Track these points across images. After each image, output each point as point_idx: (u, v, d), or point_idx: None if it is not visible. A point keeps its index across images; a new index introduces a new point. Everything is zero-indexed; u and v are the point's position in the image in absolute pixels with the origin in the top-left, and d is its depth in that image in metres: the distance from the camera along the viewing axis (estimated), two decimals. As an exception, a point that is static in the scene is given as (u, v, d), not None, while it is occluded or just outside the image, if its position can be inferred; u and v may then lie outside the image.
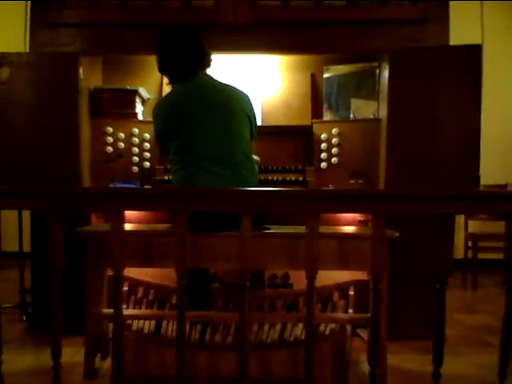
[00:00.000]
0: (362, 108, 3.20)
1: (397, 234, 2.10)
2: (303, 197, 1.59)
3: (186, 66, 2.34)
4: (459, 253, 4.66)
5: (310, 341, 1.58)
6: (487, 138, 3.39)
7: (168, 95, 2.43)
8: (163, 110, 2.37)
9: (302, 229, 1.59)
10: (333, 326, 2.24)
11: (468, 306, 4.08)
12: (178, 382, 1.59)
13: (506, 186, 4.87)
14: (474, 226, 4.83)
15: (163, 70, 2.43)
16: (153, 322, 2.30)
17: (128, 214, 2.37)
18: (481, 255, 4.56)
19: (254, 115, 2.42)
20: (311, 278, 1.56)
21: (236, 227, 1.60)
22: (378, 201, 1.55)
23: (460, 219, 4.65)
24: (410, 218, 2.65)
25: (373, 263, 1.56)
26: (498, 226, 4.25)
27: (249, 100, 2.39)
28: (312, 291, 1.57)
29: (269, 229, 2.23)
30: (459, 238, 4.66)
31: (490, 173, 4.40)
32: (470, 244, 4.69)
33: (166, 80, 2.52)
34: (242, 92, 2.39)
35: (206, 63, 2.41)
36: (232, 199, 1.59)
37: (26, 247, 3.17)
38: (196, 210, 1.61)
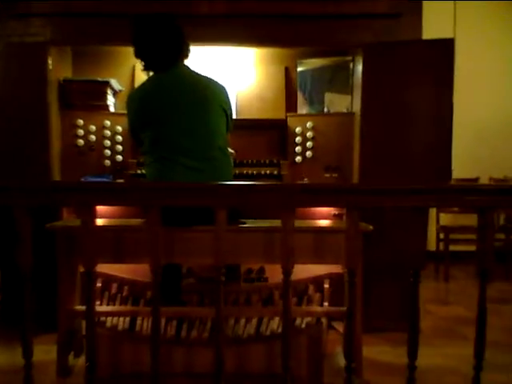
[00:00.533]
0: (336, 102, 3.21)
1: (371, 228, 2.11)
2: (278, 191, 1.58)
3: (166, 53, 2.26)
4: (431, 245, 4.74)
5: (287, 335, 1.58)
6: (459, 132, 3.45)
7: (144, 84, 2.33)
8: (138, 101, 2.30)
9: (277, 223, 1.58)
10: (308, 319, 2.25)
11: (441, 297, 4.16)
12: (152, 379, 1.56)
13: (477, 179, 4.97)
14: (445, 218, 4.92)
15: (140, 54, 2.30)
16: (127, 319, 2.26)
17: (101, 208, 2.33)
18: (452, 247, 4.65)
19: (231, 108, 2.39)
20: (287, 272, 1.55)
21: (211, 222, 1.58)
22: (353, 194, 1.55)
23: (432, 212, 4.72)
24: (385, 212, 2.67)
25: (347, 257, 1.56)
26: (469, 219, 4.35)
27: (226, 92, 2.36)
28: (288, 285, 1.57)
29: (244, 223, 2.22)
30: (431, 231, 4.74)
31: (462, 167, 4.49)
32: (441, 236, 4.78)
33: (139, 66, 2.38)
34: (219, 84, 2.35)
35: (185, 54, 2.34)
36: (207, 193, 1.56)
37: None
38: (171, 205, 1.58)
